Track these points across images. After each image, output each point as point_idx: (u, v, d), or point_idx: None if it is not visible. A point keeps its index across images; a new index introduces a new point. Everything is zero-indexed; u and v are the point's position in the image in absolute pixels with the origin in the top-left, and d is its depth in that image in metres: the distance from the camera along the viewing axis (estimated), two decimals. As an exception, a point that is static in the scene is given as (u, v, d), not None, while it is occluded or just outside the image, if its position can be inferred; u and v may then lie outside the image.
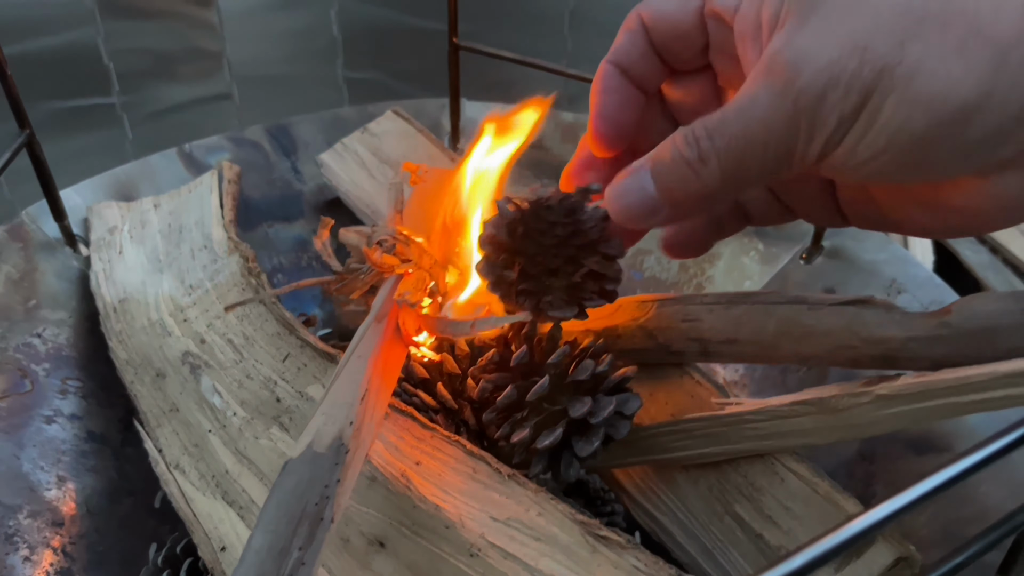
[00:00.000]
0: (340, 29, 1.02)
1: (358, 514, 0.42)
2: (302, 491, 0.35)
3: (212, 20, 0.96)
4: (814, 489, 0.42)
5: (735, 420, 0.42)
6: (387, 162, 0.66)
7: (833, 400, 0.39)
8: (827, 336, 0.41)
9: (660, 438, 0.45)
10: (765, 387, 0.58)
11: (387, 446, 0.43)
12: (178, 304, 0.54)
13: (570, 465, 0.43)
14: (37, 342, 0.55)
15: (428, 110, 0.73)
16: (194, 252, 0.57)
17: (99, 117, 0.98)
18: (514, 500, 0.40)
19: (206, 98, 1.02)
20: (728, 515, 0.44)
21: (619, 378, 0.44)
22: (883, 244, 0.60)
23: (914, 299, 0.56)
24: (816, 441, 0.41)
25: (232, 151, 0.69)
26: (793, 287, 0.60)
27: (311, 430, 0.38)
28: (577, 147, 0.44)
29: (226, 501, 0.45)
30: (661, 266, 0.65)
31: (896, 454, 0.50)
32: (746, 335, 0.43)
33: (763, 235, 0.63)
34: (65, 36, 0.92)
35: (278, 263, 0.67)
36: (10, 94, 0.54)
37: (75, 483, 0.51)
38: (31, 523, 0.48)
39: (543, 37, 1.02)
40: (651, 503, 0.47)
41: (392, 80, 1.06)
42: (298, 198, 0.69)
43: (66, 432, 0.53)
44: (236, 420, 0.48)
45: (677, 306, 0.46)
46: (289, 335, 0.50)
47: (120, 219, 0.61)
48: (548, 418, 0.43)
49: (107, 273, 0.57)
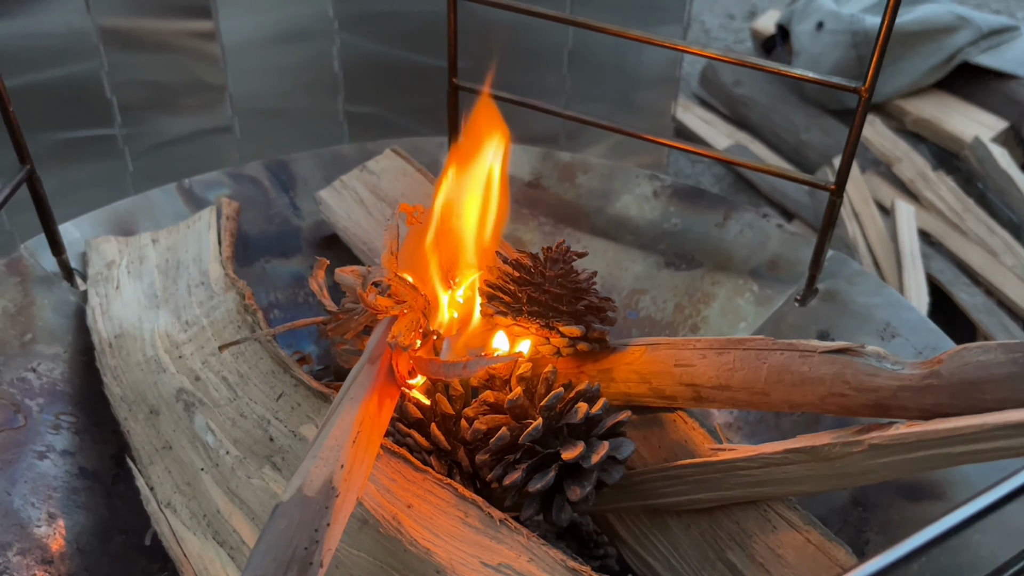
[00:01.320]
0: (341, 64, 1.03)
1: (348, 557, 0.42)
2: (291, 535, 0.35)
3: (215, 53, 0.97)
4: (806, 537, 0.42)
5: (728, 467, 0.42)
6: (385, 200, 0.66)
7: (826, 448, 0.39)
8: (819, 384, 0.41)
9: (653, 483, 0.45)
10: (759, 430, 0.58)
11: (379, 488, 0.43)
12: (174, 340, 0.54)
13: (562, 509, 0.43)
14: (32, 376, 0.55)
15: (427, 148, 0.73)
16: (191, 288, 0.57)
17: (101, 148, 0.98)
18: (506, 545, 0.40)
19: (207, 131, 1.03)
20: (720, 561, 0.44)
21: (613, 422, 0.44)
22: (877, 288, 0.60)
23: (907, 343, 0.56)
24: (808, 489, 0.41)
25: (231, 186, 0.69)
26: (787, 329, 0.60)
27: (301, 473, 0.38)
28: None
29: (217, 541, 0.45)
30: (656, 306, 0.66)
31: (889, 501, 0.50)
32: (738, 382, 0.43)
33: (758, 277, 0.64)
34: (69, 68, 0.92)
35: (275, 299, 0.67)
36: (12, 129, 0.54)
37: (66, 520, 0.51)
38: (20, 560, 0.48)
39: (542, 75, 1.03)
40: (644, 547, 0.47)
41: (392, 115, 1.07)
42: (296, 234, 0.69)
43: (58, 468, 0.53)
44: (229, 459, 0.48)
45: (670, 351, 0.46)
46: (284, 373, 0.50)
47: (118, 254, 0.61)
48: (541, 461, 0.43)
49: (104, 308, 0.58)
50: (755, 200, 1.41)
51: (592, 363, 0.49)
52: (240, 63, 1.00)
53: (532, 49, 1.02)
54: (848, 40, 1.42)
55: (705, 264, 0.65)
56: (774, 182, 1.37)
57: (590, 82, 1.04)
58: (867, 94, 0.52)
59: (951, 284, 1.18)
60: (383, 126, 1.07)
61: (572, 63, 1.01)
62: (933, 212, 1.30)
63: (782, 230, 0.65)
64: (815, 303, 0.61)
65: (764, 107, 1.53)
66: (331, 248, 0.67)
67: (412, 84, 1.04)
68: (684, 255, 0.66)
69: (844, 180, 0.56)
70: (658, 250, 0.67)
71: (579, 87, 1.04)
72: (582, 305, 0.48)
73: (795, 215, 1.33)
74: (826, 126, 1.46)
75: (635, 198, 0.70)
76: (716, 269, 0.65)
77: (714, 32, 1.92)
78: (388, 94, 1.06)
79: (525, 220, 0.71)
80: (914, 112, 1.44)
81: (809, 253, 0.60)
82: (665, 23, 1.01)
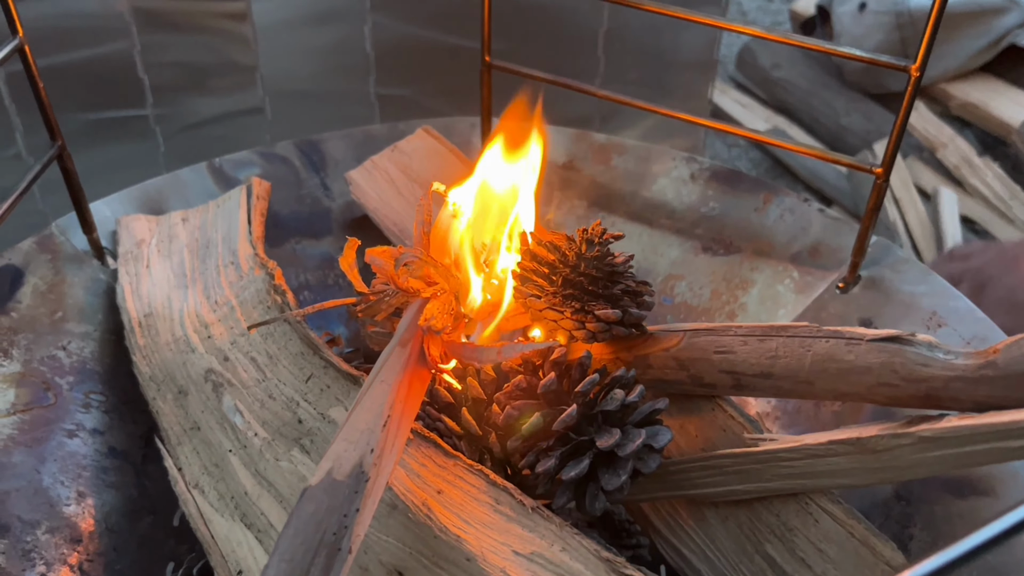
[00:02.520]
0: (373, 45, 1.02)
1: (377, 542, 0.41)
2: (320, 520, 0.35)
3: (247, 34, 0.96)
4: (850, 532, 0.41)
5: (769, 457, 0.41)
6: (416, 181, 0.65)
7: (872, 440, 0.38)
8: (866, 373, 0.40)
9: (690, 473, 0.43)
10: (798, 420, 0.56)
11: (409, 473, 0.42)
12: (203, 320, 0.54)
13: (596, 498, 0.42)
14: (62, 355, 0.55)
15: (459, 128, 0.72)
16: (220, 268, 0.57)
17: (133, 129, 0.98)
18: (538, 534, 0.39)
19: (238, 112, 1.02)
20: (758, 555, 0.43)
21: (649, 409, 0.43)
22: (923, 275, 0.58)
23: (955, 333, 0.54)
24: (852, 482, 0.40)
25: (262, 166, 0.68)
26: (828, 317, 0.58)
27: (331, 456, 0.37)
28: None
29: (244, 524, 0.45)
30: (692, 292, 0.64)
31: (934, 495, 0.48)
32: (781, 370, 0.42)
33: (798, 263, 0.62)
34: (101, 48, 0.92)
35: (304, 280, 0.66)
36: (43, 107, 0.54)
37: (95, 499, 0.51)
38: (49, 539, 0.48)
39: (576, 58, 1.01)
40: (679, 539, 0.46)
41: (424, 97, 1.06)
42: (326, 215, 0.68)
43: (87, 447, 0.52)
44: (257, 441, 0.47)
45: (710, 337, 0.45)
46: (313, 355, 0.49)
47: (148, 233, 0.61)
48: (575, 449, 0.42)
49: (133, 287, 0.57)
50: (793, 186, 1.38)
51: (628, 349, 0.47)
52: (272, 44, 0.99)
53: (567, 30, 1.00)
54: (892, 21, 1.38)
55: (744, 249, 0.64)
56: (813, 167, 1.34)
57: (626, 64, 1.02)
58: (918, 72, 0.50)
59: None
60: (415, 107, 1.06)
61: (608, 45, 0.99)
62: (978, 199, 1.26)
63: (824, 215, 0.63)
64: (857, 291, 0.59)
65: (803, 91, 1.49)
66: (362, 229, 0.67)
67: (444, 65, 1.03)
68: (722, 240, 0.65)
69: (891, 164, 0.54)
70: (695, 234, 0.65)
71: (614, 69, 1.02)
72: (618, 289, 0.46)
73: (833, 201, 1.30)
74: (867, 110, 1.42)
75: (672, 181, 0.68)
76: (755, 254, 0.63)
77: (752, 15, 1.89)
78: (420, 75, 1.05)
79: (558, 203, 0.69)
80: (960, 96, 1.40)
81: (852, 239, 0.58)
82: (703, 4, 0.99)
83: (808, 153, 0.59)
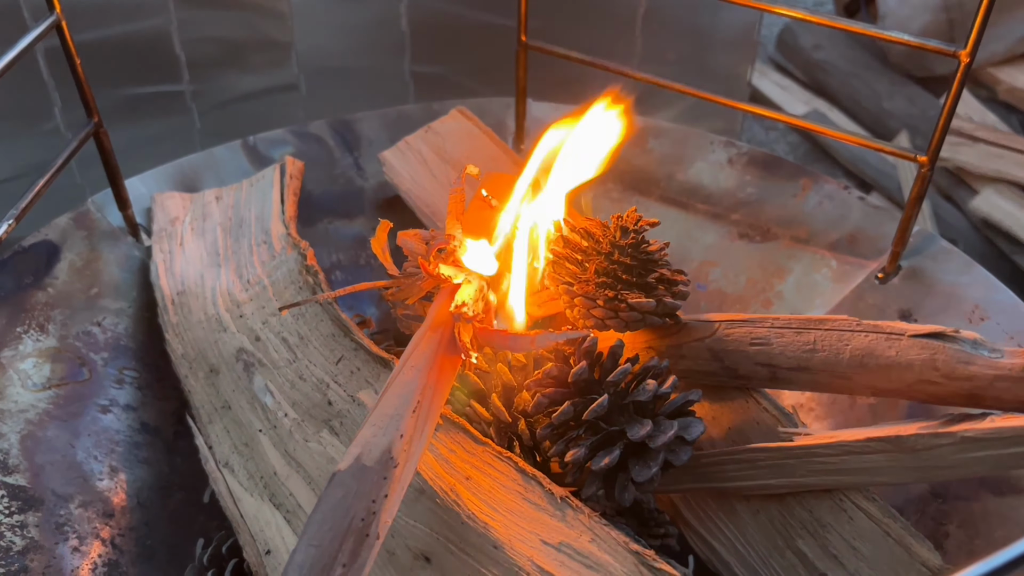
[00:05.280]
0: (409, 23, 1.01)
1: (405, 527, 0.41)
2: (348, 505, 0.35)
3: (283, 10, 0.96)
4: (885, 530, 0.40)
5: (804, 452, 0.40)
6: (449, 162, 0.65)
7: (912, 439, 0.37)
8: (906, 370, 0.39)
9: (723, 466, 0.43)
10: (833, 412, 0.55)
11: (437, 458, 0.42)
12: (235, 299, 0.54)
13: (625, 489, 0.42)
14: (97, 331, 0.55)
15: (493, 109, 0.71)
16: (253, 247, 0.57)
17: (169, 105, 0.98)
18: (566, 524, 0.39)
19: (274, 88, 1.02)
20: (790, 550, 0.42)
21: (682, 400, 0.42)
22: (966, 267, 0.57)
23: (998, 327, 0.53)
24: (889, 480, 0.39)
25: (295, 145, 0.68)
26: (866, 308, 0.57)
27: (360, 441, 0.37)
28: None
29: (273, 503, 0.45)
30: (727, 279, 0.63)
31: (971, 493, 0.47)
32: (818, 364, 0.41)
33: (837, 251, 0.61)
34: (138, 24, 0.92)
35: (336, 260, 0.66)
36: (79, 84, 0.54)
37: (127, 474, 0.51)
38: (82, 513, 0.48)
39: (614, 37, 1.00)
40: (708, 531, 0.45)
41: (459, 75, 1.05)
42: (359, 195, 0.68)
43: (120, 423, 0.53)
44: (287, 421, 0.47)
45: (745, 328, 0.44)
46: (344, 337, 0.49)
47: (182, 210, 0.61)
48: (605, 438, 0.42)
49: (167, 264, 0.57)
50: (832, 170, 1.35)
51: (661, 338, 0.47)
52: (307, 21, 0.99)
53: (604, 10, 0.98)
54: (939, 3, 1.34)
55: (781, 237, 0.62)
56: (855, 151, 1.31)
57: (663, 45, 1.00)
58: (968, 58, 0.48)
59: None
60: (449, 86, 1.05)
61: (646, 24, 0.97)
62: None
63: (864, 203, 0.62)
64: (897, 281, 0.57)
65: (844, 73, 1.46)
66: (394, 210, 0.66)
67: (480, 44, 1.02)
68: (759, 226, 0.63)
69: (937, 152, 0.52)
70: (731, 220, 0.64)
71: (651, 50, 1.00)
72: (652, 277, 0.46)
73: (874, 186, 1.28)
74: (911, 94, 1.39)
75: (709, 165, 0.67)
76: (792, 242, 0.62)
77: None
78: (455, 54, 1.04)
79: (592, 185, 0.68)
80: (1008, 81, 1.36)
81: (892, 228, 0.57)
82: (743, -16, 0.97)
83: (849, 140, 0.57)
